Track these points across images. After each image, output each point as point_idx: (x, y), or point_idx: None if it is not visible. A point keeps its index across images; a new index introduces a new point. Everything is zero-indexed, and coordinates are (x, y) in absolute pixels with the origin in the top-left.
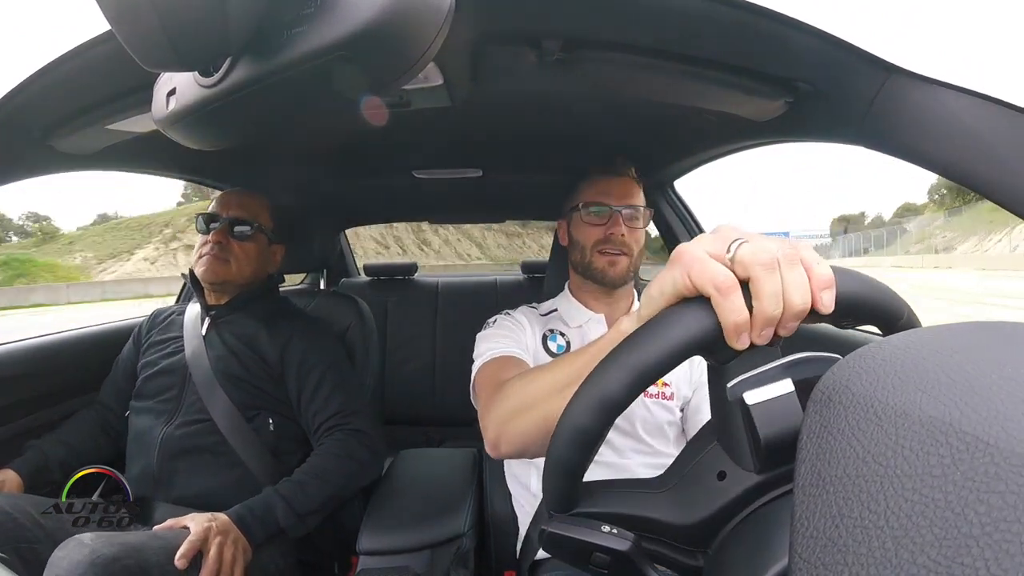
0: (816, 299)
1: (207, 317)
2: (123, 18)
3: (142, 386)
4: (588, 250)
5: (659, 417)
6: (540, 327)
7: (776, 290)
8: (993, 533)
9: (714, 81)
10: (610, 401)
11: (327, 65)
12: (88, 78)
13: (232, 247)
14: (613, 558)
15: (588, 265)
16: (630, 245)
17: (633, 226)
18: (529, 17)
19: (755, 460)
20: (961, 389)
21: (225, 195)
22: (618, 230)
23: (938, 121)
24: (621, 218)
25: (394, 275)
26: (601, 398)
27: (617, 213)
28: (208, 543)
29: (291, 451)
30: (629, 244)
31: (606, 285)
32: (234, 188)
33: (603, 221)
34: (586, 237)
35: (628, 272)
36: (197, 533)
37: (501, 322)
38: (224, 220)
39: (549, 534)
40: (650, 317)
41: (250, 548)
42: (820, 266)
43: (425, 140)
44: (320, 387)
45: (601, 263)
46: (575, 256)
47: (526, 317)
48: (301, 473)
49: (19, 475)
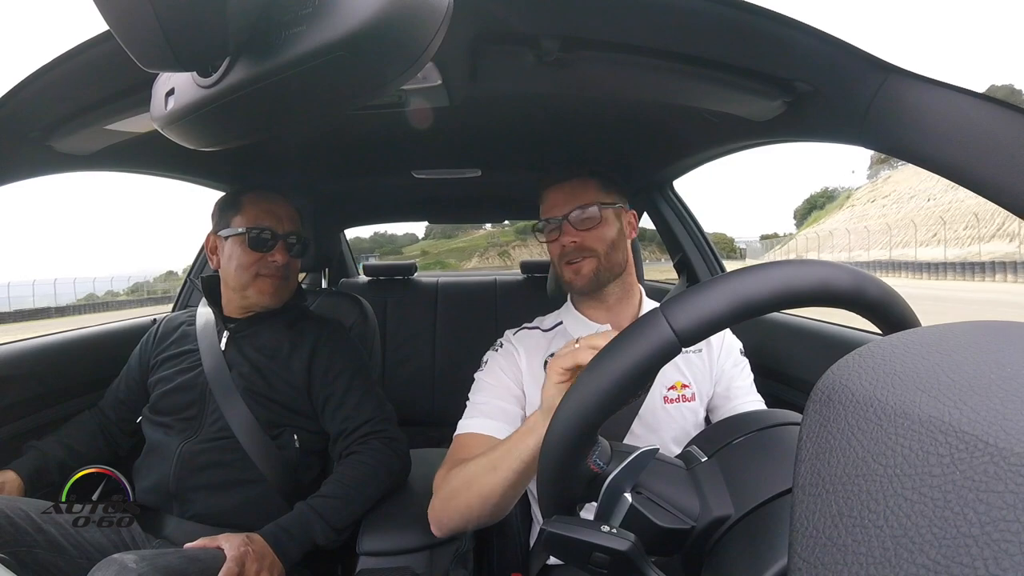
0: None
1: (225, 331)
2: (121, 18)
3: (157, 402)
4: (559, 265)
5: (686, 421)
6: (542, 351)
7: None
8: (992, 533)
9: (713, 81)
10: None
11: (326, 65)
12: (87, 78)
13: (291, 266)
14: (613, 558)
15: (562, 280)
16: (591, 247)
17: (586, 227)
18: (528, 17)
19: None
20: (961, 389)
21: (271, 205)
22: (568, 239)
23: (936, 121)
24: (569, 225)
25: (393, 275)
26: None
27: (564, 222)
28: (245, 569)
29: (311, 465)
30: (589, 246)
31: (581, 294)
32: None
33: (555, 236)
34: (552, 254)
35: (597, 273)
36: (234, 559)
37: (491, 366)
38: (281, 236)
39: (549, 534)
40: (553, 408)
41: (284, 571)
42: (583, 351)
43: (424, 140)
44: (349, 392)
45: (568, 274)
46: (555, 272)
47: (523, 346)
48: (337, 486)
49: (19, 477)
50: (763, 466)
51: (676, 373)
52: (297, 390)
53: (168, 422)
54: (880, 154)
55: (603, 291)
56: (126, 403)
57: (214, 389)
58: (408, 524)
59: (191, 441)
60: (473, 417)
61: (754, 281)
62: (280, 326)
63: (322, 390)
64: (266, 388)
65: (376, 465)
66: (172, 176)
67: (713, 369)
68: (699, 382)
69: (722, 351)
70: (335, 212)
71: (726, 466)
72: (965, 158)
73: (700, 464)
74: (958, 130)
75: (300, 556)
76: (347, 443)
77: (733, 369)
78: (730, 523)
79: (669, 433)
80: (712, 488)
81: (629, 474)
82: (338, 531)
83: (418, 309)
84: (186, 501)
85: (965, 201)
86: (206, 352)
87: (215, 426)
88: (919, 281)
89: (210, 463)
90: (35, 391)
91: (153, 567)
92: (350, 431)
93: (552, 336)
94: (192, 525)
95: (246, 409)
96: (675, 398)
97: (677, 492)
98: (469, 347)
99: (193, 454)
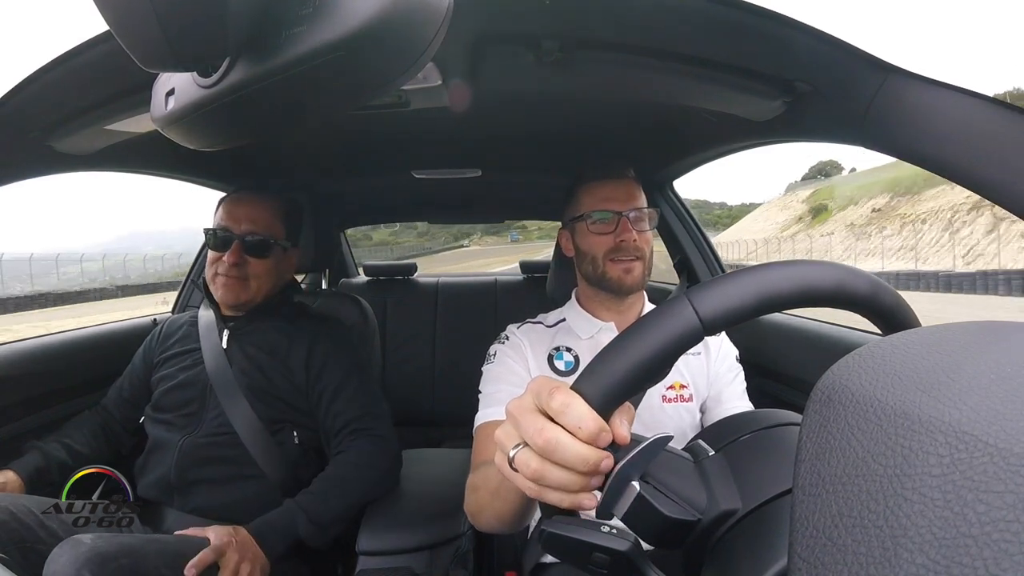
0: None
1: (225, 329)
2: (121, 18)
3: (160, 399)
4: (600, 260)
5: (683, 422)
6: (546, 345)
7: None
8: (992, 533)
9: (713, 81)
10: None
11: (326, 65)
12: (87, 78)
13: (249, 266)
14: (612, 558)
15: (601, 276)
16: (642, 249)
17: (640, 228)
18: (528, 17)
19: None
20: (961, 389)
21: (232, 205)
22: (629, 236)
23: (936, 121)
24: (629, 223)
25: (393, 275)
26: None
27: (625, 218)
28: (226, 558)
29: (311, 461)
30: (641, 248)
31: (623, 294)
32: (239, 193)
33: (611, 229)
34: (595, 247)
35: (643, 277)
36: (215, 547)
37: (501, 357)
38: (237, 237)
39: (548, 534)
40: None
41: (268, 564)
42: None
43: (424, 140)
44: (343, 388)
45: (616, 272)
46: (585, 268)
47: (528, 339)
48: (322, 483)
49: (19, 476)
50: (771, 463)
51: (676, 373)
52: (296, 386)
53: (170, 419)
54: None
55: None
56: (130, 401)
57: (216, 386)
58: (408, 524)
59: (192, 436)
60: (489, 407)
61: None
62: (280, 323)
63: (316, 385)
64: (266, 384)
65: (359, 463)
66: (172, 176)
67: (710, 373)
68: (697, 384)
69: (719, 356)
70: (335, 212)
71: (734, 461)
72: (965, 158)
73: (708, 457)
74: (958, 130)
75: (285, 550)
76: (338, 440)
77: (728, 374)
78: (737, 517)
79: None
80: (720, 481)
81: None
82: (321, 526)
83: (418, 309)
84: (186, 494)
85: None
86: (208, 350)
87: (215, 422)
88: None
89: (210, 458)
90: (35, 391)
91: (108, 543)
92: (339, 428)
93: (555, 331)
94: (192, 518)
95: (247, 405)
96: (673, 397)
97: (684, 484)
98: (469, 347)
99: (193, 448)
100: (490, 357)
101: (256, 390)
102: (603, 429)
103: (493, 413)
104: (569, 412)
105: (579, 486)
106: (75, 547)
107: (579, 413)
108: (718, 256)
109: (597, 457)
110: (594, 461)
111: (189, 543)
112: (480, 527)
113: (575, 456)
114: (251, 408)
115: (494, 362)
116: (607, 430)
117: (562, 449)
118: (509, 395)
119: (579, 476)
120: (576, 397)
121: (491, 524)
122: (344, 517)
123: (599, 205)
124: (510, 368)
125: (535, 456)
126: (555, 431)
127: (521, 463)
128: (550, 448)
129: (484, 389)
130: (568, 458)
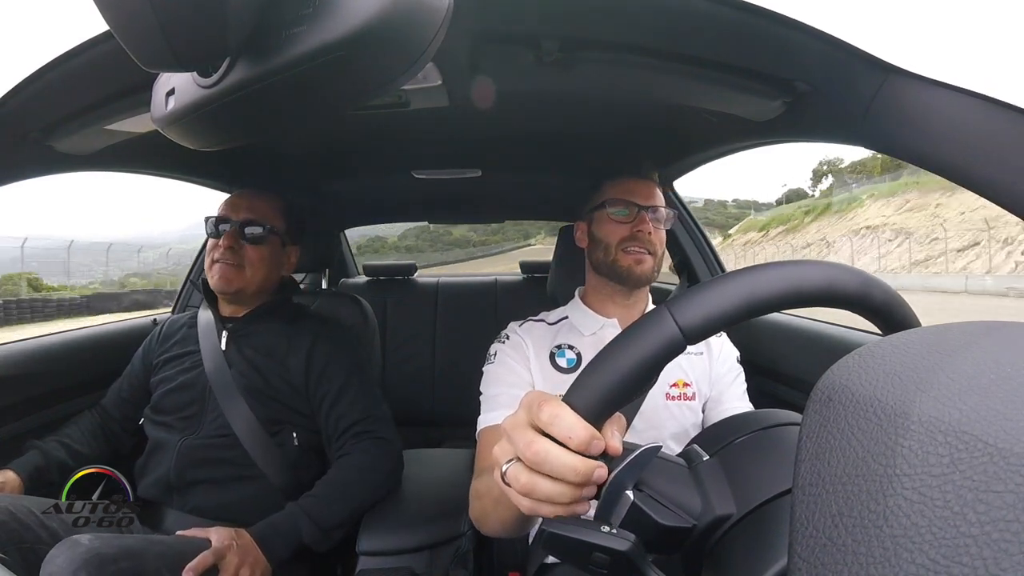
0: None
1: (224, 330)
2: (121, 18)
3: (159, 401)
4: (613, 248)
5: (685, 420)
6: (548, 343)
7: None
8: (992, 533)
9: (712, 81)
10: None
11: (326, 65)
12: (87, 78)
13: (245, 252)
14: (612, 558)
15: (613, 264)
16: (655, 245)
17: (658, 227)
18: (527, 17)
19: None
20: (961, 389)
21: (234, 197)
22: (645, 227)
23: (936, 121)
24: (647, 217)
25: (393, 275)
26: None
27: (644, 211)
28: (226, 561)
29: (311, 463)
30: (654, 243)
31: (630, 285)
32: (242, 190)
33: (629, 219)
34: (611, 235)
35: (652, 272)
36: (216, 550)
37: (501, 357)
38: (235, 223)
39: (549, 534)
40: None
41: (269, 569)
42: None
43: (424, 140)
44: (345, 390)
45: (627, 261)
46: (597, 255)
47: (530, 337)
48: (325, 486)
49: (19, 476)
50: (766, 465)
51: (679, 372)
52: (295, 388)
53: (169, 421)
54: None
55: (639, 290)
56: (129, 401)
57: (215, 388)
58: (407, 524)
59: (191, 438)
60: (491, 410)
61: (760, 279)
62: (278, 325)
63: (318, 389)
64: (265, 386)
65: (364, 466)
66: (172, 176)
67: (712, 373)
68: (699, 383)
69: (721, 356)
70: (335, 212)
71: (728, 465)
72: (965, 158)
73: (702, 462)
74: (958, 130)
75: (288, 554)
76: (340, 443)
77: (728, 375)
78: (732, 522)
79: (669, 430)
80: (714, 487)
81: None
82: (325, 531)
83: (418, 309)
84: (186, 494)
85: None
86: (207, 352)
87: (215, 424)
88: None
89: (209, 459)
90: (35, 391)
91: (107, 544)
92: (342, 431)
93: (557, 329)
94: (192, 518)
95: (246, 407)
96: (677, 396)
97: (679, 490)
98: (469, 347)
99: (192, 449)
100: (490, 357)
101: (255, 392)
102: (595, 437)
103: (495, 417)
104: (558, 423)
105: (570, 498)
106: (73, 548)
107: (568, 423)
108: (718, 256)
109: (586, 467)
110: (583, 471)
111: (190, 545)
112: (485, 533)
113: (563, 466)
114: (250, 410)
115: (494, 362)
116: (599, 438)
117: (551, 460)
118: (510, 397)
119: (569, 487)
120: (565, 408)
121: (496, 530)
122: (348, 521)
123: (622, 195)
124: (511, 368)
125: (524, 469)
126: (543, 443)
127: (512, 477)
128: (539, 460)
129: (485, 391)
130: (557, 468)
